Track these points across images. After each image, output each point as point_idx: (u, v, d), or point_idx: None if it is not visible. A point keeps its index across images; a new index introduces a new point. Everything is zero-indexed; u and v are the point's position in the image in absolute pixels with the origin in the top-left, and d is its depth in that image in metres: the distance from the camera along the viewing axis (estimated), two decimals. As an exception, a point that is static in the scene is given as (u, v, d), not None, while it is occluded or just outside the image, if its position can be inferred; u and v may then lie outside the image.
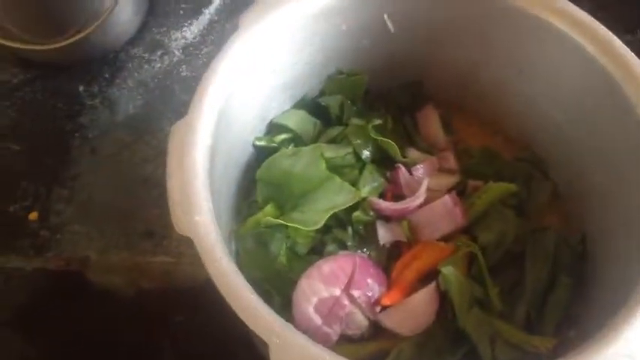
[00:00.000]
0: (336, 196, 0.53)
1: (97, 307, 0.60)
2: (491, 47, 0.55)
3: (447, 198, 0.54)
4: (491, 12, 0.52)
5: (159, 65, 0.74)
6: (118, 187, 0.66)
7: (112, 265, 0.61)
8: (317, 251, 0.54)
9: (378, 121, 0.57)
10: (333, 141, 0.58)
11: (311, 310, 0.49)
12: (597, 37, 0.48)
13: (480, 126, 0.63)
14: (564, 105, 0.54)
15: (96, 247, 0.63)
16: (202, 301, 0.59)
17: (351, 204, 0.53)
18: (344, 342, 0.50)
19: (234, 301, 0.39)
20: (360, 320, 0.50)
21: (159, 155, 0.67)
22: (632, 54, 0.48)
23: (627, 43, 0.56)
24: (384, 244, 0.54)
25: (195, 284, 0.61)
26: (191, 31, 0.76)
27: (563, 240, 0.55)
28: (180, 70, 0.74)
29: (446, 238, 0.54)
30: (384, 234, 0.54)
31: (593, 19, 0.49)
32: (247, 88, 0.51)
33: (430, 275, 0.52)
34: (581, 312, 0.51)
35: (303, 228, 0.53)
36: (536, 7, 0.50)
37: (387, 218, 0.55)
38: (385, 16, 0.54)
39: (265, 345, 0.38)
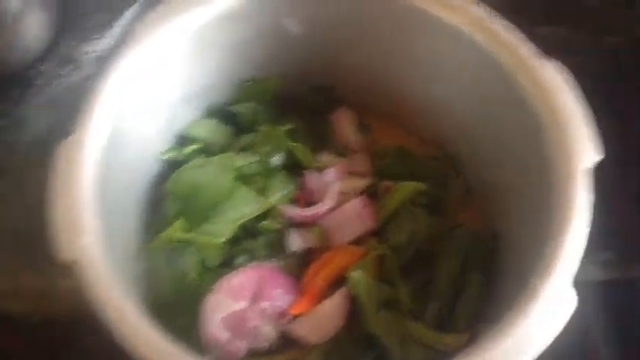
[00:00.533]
0: (244, 206, 0.53)
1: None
2: (394, 48, 0.55)
3: (355, 200, 0.53)
4: (389, 13, 0.52)
5: (70, 80, 0.72)
6: (24, 208, 0.63)
7: (16, 292, 0.59)
8: (228, 264, 0.53)
9: (288, 126, 0.57)
10: (245, 149, 0.57)
11: (218, 325, 0.48)
12: (491, 32, 0.48)
13: (396, 127, 0.63)
14: (468, 102, 0.54)
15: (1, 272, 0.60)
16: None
17: (258, 213, 0.52)
18: (252, 356, 0.49)
19: (125, 330, 0.38)
20: (268, 332, 0.49)
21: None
22: (531, 48, 0.48)
23: (538, 36, 0.56)
24: (294, 252, 0.53)
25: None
26: (102, 44, 0.74)
27: (476, 237, 0.55)
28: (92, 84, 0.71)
29: (358, 241, 0.54)
30: (295, 241, 0.53)
31: (488, 14, 0.49)
32: (146, 99, 0.49)
33: (342, 280, 0.52)
34: (491, 309, 0.51)
35: (212, 240, 0.52)
36: (433, 5, 0.50)
37: (298, 225, 0.55)
38: (285, 21, 0.53)
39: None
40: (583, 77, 0.48)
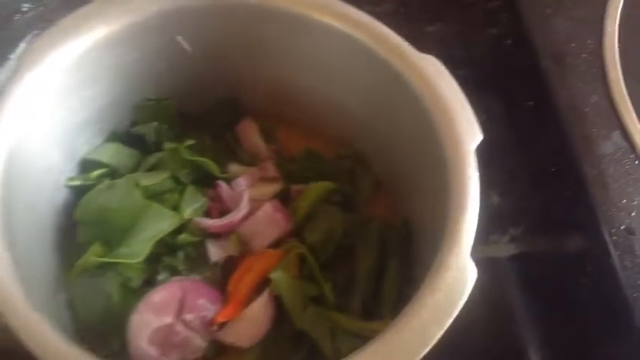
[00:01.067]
0: (158, 223, 0.53)
1: None
2: (290, 57, 0.57)
3: (267, 206, 0.55)
4: (278, 24, 0.54)
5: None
6: None
7: None
8: (151, 282, 0.53)
9: (190, 142, 0.57)
10: (153, 169, 0.58)
11: (145, 343, 0.48)
12: (376, 34, 0.51)
13: (301, 131, 0.64)
14: (364, 101, 0.57)
15: None
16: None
17: (173, 228, 0.53)
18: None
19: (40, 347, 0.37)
20: (198, 344, 0.50)
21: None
22: (409, 46, 0.51)
23: (429, 34, 0.60)
24: (216, 262, 0.54)
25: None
26: (-2, 79, 0.73)
27: (388, 226, 0.57)
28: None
29: (277, 244, 0.55)
30: (215, 251, 0.54)
31: (371, 18, 0.52)
32: (41, 129, 0.49)
33: (265, 284, 0.53)
34: (411, 291, 0.54)
35: (129, 261, 0.52)
36: (317, 12, 0.52)
37: (216, 235, 0.55)
38: (179, 38, 0.54)
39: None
40: (470, 67, 0.52)
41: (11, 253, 0.41)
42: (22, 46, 0.75)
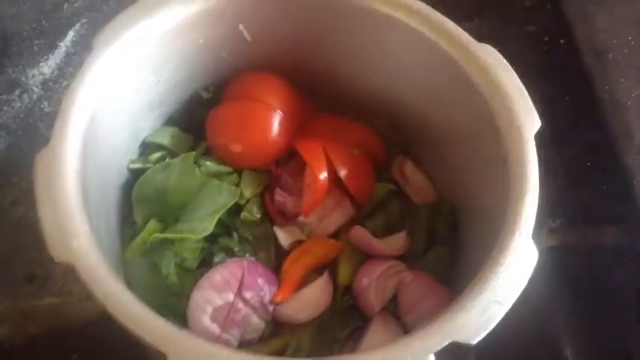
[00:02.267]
0: (217, 199, 0.54)
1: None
2: (348, 47, 0.58)
3: (336, 190, 0.56)
4: (337, 11, 0.55)
5: (19, 105, 0.72)
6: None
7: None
8: (206, 263, 0.55)
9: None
10: (206, 153, 0.59)
11: (207, 320, 0.49)
12: (434, 23, 0.53)
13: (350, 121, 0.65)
14: (420, 89, 0.58)
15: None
16: (98, 336, 0.58)
17: (233, 203, 0.54)
18: (244, 347, 0.50)
19: (126, 316, 0.39)
20: (257, 323, 0.51)
21: (29, 196, 0.65)
22: (466, 34, 0.52)
23: (467, 30, 0.61)
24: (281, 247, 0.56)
25: (89, 320, 0.60)
26: (48, 65, 0.74)
27: (436, 213, 0.59)
28: (42, 106, 0.71)
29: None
30: (284, 236, 0.56)
31: (429, 7, 0.53)
32: (111, 109, 0.50)
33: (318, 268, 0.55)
34: (459, 278, 0.55)
35: (192, 237, 0.53)
36: (379, 2, 0.53)
37: (281, 221, 0.57)
38: (241, 27, 0.56)
39: (164, 356, 0.38)
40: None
41: (90, 227, 0.43)
42: (70, 34, 0.77)
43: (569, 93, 0.75)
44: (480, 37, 0.56)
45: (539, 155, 0.70)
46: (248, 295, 0.51)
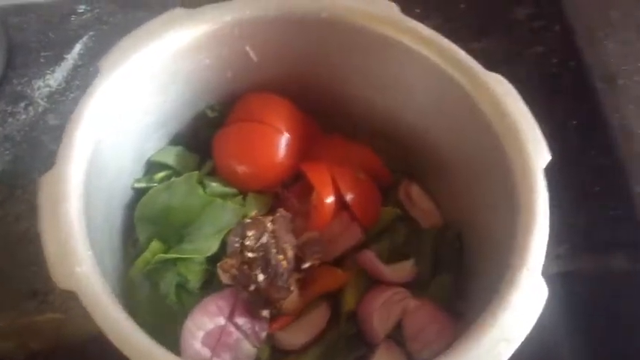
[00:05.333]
0: (221, 218, 0.54)
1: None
2: (353, 70, 0.58)
3: (344, 215, 0.56)
4: (345, 34, 0.55)
5: (24, 117, 0.71)
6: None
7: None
8: (209, 284, 0.54)
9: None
10: (211, 173, 0.59)
11: (198, 345, 0.49)
12: (443, 50, 0.52)
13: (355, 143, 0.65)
14: (427, 116, 0.57)
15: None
16: (99, 352, 0.57)
17: (237, 221, 0.53)
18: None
19: (126, 346, 0.38)
20: (248, 349, 0.50)
21: (33, 210, 0.64)
22: (475, 62, 0.52)
23: (474, 50, 0.61)
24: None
25: (90, 336, 0.59)
26: (55, 78, 0.74)
27: (442, 237, 0.58)
28: (47, 119, 0.71)
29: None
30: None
31: (438, 34, 0.53)
32: (117, 131, 0.50)
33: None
34: (464, 305, 0.55)
35: (197, 256, 0.53)
36: (385, 27, 0.53)
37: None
38: (247, 48, 0.56)
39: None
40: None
41: (92, 251, 0.42)
42: (77, 47, 0.77)
43: (576, 116, 0.74)
44: (488, 57, 0.56)
45: (546, 178, 0.69)
46: (240, 321, 0.50)
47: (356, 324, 0.54)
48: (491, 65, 0.53)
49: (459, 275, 0.57)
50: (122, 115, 0.50)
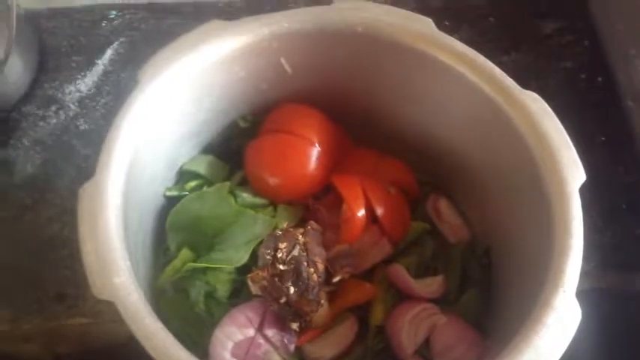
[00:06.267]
0: (252, 229, 0.54)
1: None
2: (386, 84, 0.58)
3: (374, 228, 0.56)
4: (381, 49, 0.55)
5: (55, 121, 0.72)
6: (23, 250, 0.63)
7: (24, 334, 0.59)
8: (237, 294, 0.55)
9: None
10: (242, 183, 0.59)
11: (227, 355, 0.49)
12: (480, 67, 0.52)
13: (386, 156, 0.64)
14: (461, 132, 0.57)
15: (5, 316, 0.60)
16: (126, 358, 0.58)
17: (268, 232, 0.53)
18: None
19: (165, 358, 0.39)
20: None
21: (64, 214, 0.65)
22: (511, 79, 0.52)
23: (503, 63, 0.61)
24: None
25: (118, 342, 0.60)
26: (85, 83, 0.75)
27: (470, 252, 0.59)
28: (78, 123, 0.72)
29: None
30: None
31: (474, 51, 0.53)
32: (153, 141, 0.51)
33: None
34: (492, 322, 0.55)
35: (227, 266, 0.53)
36: (421, 42, 0.53)
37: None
38: (282, 60, 0.56)
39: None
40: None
41: (130, 262, 0.43)
42: (108, 52, 0.77)
43: (604, 133, 0.74)
44: (516, 71, 0.56)
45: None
46: (269, 332, 0.51)
47: (384, 339, 0.54)
48: (519, 79, 0.52)
49: (486, 292, 0.57)
50: (158, 124, 0.51)
